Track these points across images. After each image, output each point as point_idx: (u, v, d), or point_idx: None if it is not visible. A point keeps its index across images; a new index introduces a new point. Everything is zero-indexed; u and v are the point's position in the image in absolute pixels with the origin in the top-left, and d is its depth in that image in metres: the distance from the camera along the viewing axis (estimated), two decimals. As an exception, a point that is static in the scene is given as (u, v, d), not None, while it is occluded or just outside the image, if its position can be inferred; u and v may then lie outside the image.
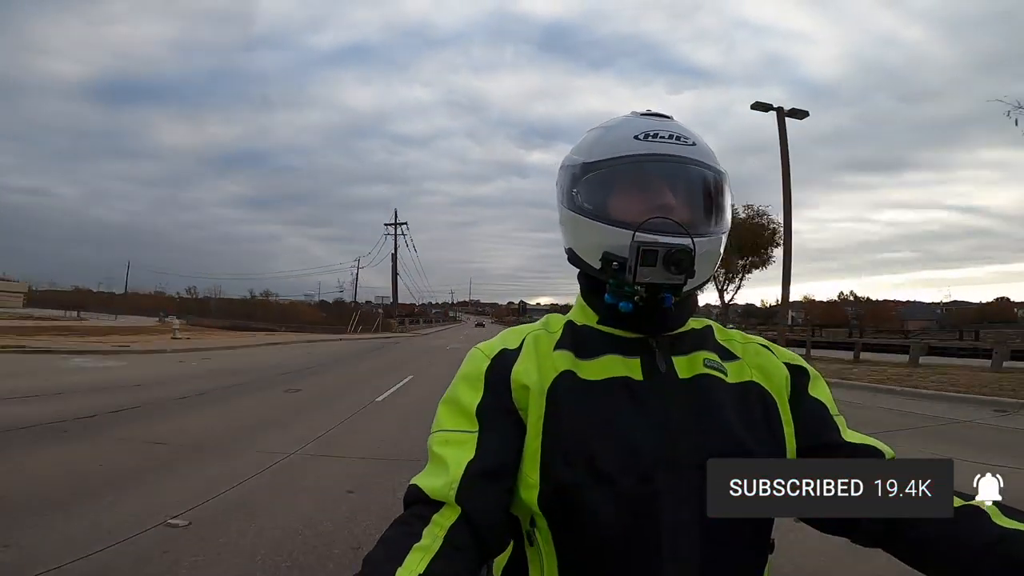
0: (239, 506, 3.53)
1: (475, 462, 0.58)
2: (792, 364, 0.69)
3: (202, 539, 2.99)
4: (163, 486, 3.86)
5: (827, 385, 0.70)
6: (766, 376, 0.67)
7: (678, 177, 0.64)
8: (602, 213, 0.65)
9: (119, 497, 3.54)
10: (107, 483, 3.81)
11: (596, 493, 0.57)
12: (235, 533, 3.08)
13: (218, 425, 6.08)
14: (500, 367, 0.65)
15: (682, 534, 0.57)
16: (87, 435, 5.24)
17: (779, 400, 0.65)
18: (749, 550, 0.61)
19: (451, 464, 0.58)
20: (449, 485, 0.56)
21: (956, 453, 2.97)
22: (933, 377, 10.56)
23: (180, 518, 3.24)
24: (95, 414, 6.18)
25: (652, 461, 0.58)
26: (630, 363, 0.64)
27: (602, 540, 0.57)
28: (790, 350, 0.74)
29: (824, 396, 0.68)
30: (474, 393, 0.64)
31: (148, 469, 4.23)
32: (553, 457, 0.59)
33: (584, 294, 0.72)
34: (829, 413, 0.67)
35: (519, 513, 0.62)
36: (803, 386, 0.68)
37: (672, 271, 0.58)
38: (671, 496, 0.57)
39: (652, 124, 0.66)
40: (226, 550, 2.88)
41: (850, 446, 0.64)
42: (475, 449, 0.59)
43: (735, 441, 0.60)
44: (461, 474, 0.57)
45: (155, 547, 2.86)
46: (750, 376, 0.66)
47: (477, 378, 0.65)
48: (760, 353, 0.70)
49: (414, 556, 0.50)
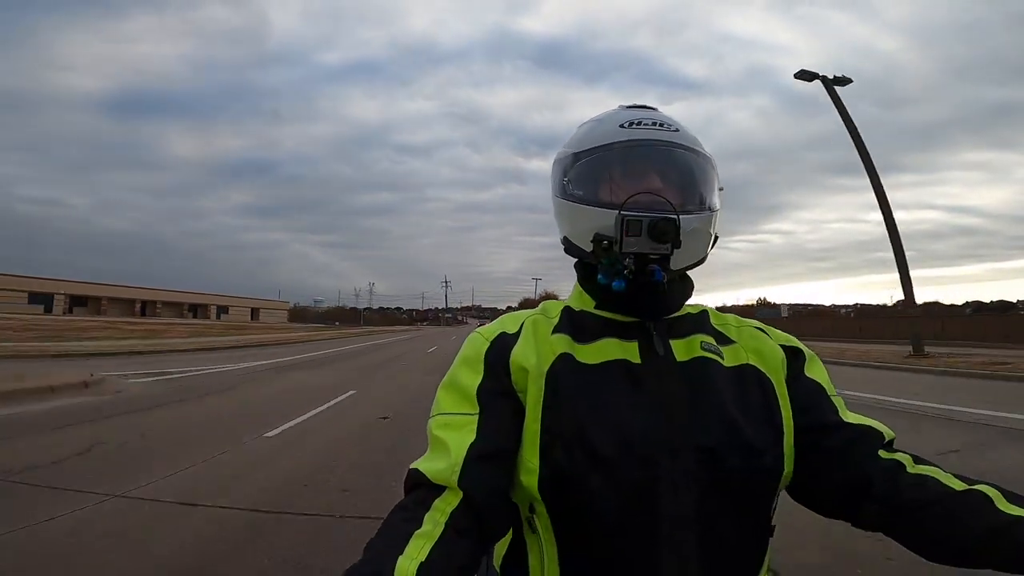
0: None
1: (477, 444, 0.58)
2: (788, 346, 0.70)
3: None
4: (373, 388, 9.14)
5: (824, 366, 0.70)
6: (762, 358, 0.67)
7: (662, 160, 0.66)
8: (592, 198, 0.67)
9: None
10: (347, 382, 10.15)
11: (595, 476, 0.57)
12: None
13: (402, 348, 18.76)
14: (499, 349, 0.65)
15: (680, 518, 0.56)
16: (328, 365, 13.08)
17: (776, 382, 0.65)
18: (749, 535, 0.60)
19: (453, 447, 0.58)
20: (452, 468, 0.56)
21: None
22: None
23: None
24: (334, 359, 14.86)
25: (651, 444, 0.58)
26: (627, 346, 0.64)
27: (601, 525, 0.57)
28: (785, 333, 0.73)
29: (821, 377, 0.68)
30: (474, 375, 0.64)
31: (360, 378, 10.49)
32: (552, 440, 0.59)
33: (581, 281, 0.73)
34: (826, 393, 0.67)
35: (518, 500, 0.62)
36: (799, 367, 0.68)
37: (658, 240, 0.60)
38: (669, 480, 0.57)
39: (636, 114, 0.69)
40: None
41: (849, 427, 0.63)
42: (476, 431, 0.59)
43: (733, 424, 0.59)
44: (464, 457, 0.57)
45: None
46: (746, 359, 0.67)
47: (477, 360, 0.65)
48: (756, 336, 0.70)
49: (415, 543, 0.50)
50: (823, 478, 0.61)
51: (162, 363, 12.22)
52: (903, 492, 0.56)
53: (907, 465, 0.59)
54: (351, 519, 2.96)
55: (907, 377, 11.13)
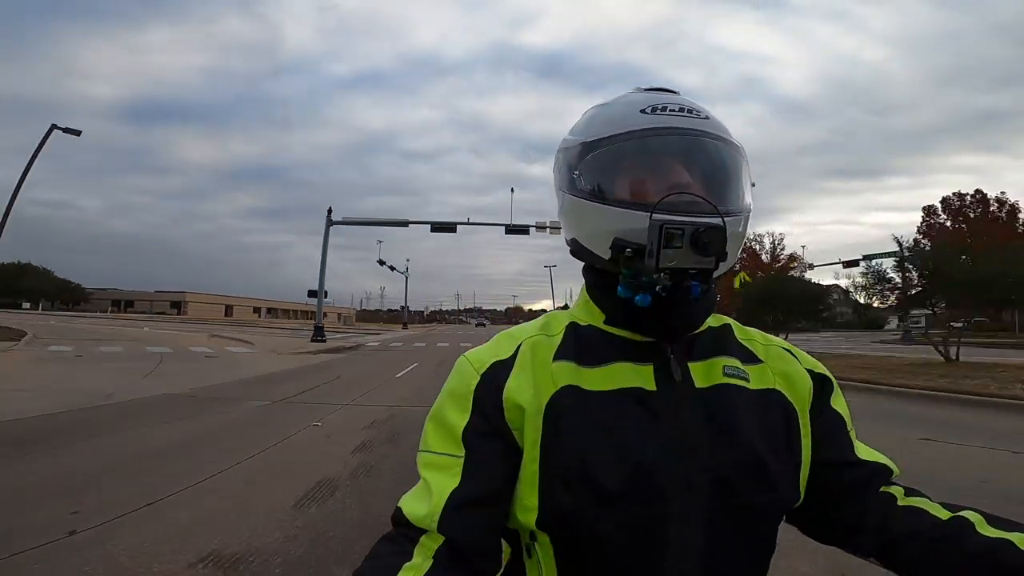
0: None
1: (459, 491, 0.54)
2: (816, 372, 0.65)
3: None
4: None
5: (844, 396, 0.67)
6: (790, 385, 0.62)
7: (694, 152, 0.58)
8: (610, 195, 0.58)
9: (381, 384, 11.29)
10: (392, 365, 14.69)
11: (600, 514, 0.53)
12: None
13: (446, 337, 31.01)
14: (490, 384, 0.59)
15: (688, 548, 0.54)
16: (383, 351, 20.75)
17: (800, 412, 0.61)
18: (754, 560, 0.59)
19: (434, 491, 0.55)
20: (431, 516, 0.53)
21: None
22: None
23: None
24: (388, 342, 23.92)
25: (664, 482, 0.53)
26: (641, 370, 0.58)
27: (604, 556, 0.54)
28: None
29: (843, 409, 0.65)
30: (461, 414, 0.58)
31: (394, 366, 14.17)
32: (552, 481, 0.54)
33: (589, 289, 0.65)
34: (847, 428, 0.64)
35: (517, 527, 0.58)
36: (826, 397, 0.64)
37: (702, 253, 0.52)
38: (680, 512, 0.53)
39: (659, 97, 0.60)
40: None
41: (864, 464, 0.61)
42: (460, 476, 0.55)
43: (754, 456, 0.56)
44: (443, 504, 0.53)
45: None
46: (773, 383, 0.62)
47: (464, 397, 0.59)
48: (784, 358, 0.65)
49: (406, 575, 0.49)
50: (826, 510, 0.61)
51: (376, 337, 29.09)
52: (894, 524, 0.57)
53: (898, 497, 0.59)
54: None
55: (977, 420, 6.79)
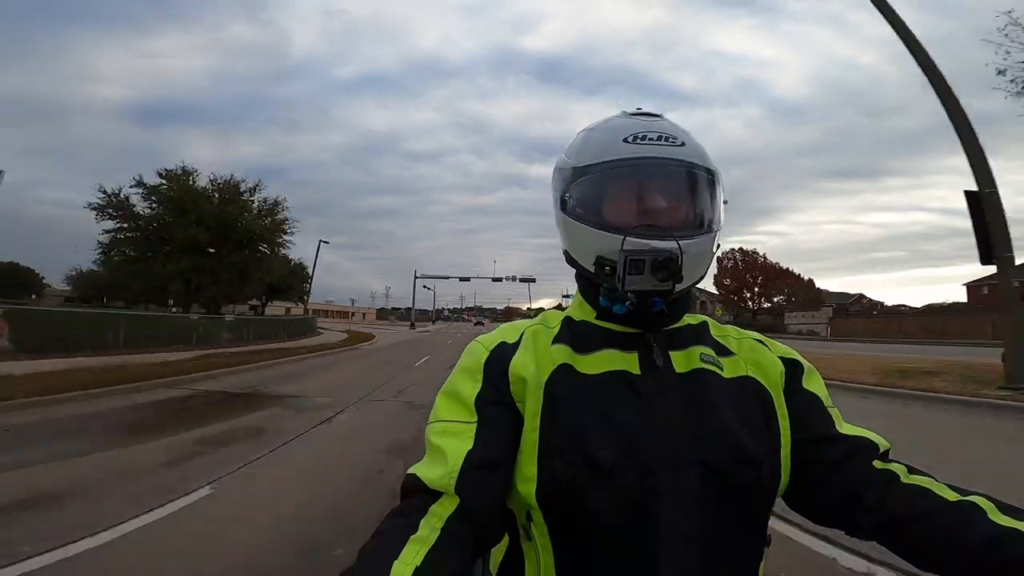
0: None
1: (474, 452, 0.58)
2: (786, 358, 0.70)
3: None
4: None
5: (821, 378, 0.71)
6: (762, 371, 0.67)
7: (666, 179, 0.64)
8: (593, 217, 0.65)
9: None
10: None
11: (594, 488, 0.57)
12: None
13: (466, 329, 42.58)
14: (499, 359, 0.66)
15: (681, 532, 0.56)
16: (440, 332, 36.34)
17: (775, 394, 0.66)
18: (747, 547, 0.61)
19: (450, 454, 0.58)
20: (448, 475, 0.56)
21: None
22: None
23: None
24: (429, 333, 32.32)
25: (651, 457, 0.58)
26: (628, 357, 0.64)
27: (599, 535, 0.57)
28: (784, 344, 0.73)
29: (819, 389, 0.69)
30: (473, 384, 0.64)
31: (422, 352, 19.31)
32: (550, 451, 0.59)
33: (582, 292, 0.73)
34: (824, 406, 0.67)
35: (515, 508, 0.63)
36: (798, 379, 0.69)
37: (660, 278, 0.59)
38: (670, 494, 0.57)
39: (641, 125, 0.66)
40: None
41: (845, 439, 0.64)
42: (474, 440, 0.59)
43: (732, 437, 0.60)
44: (460, 464, 0.57)
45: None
46: (745, 371, 0.67)
47: (476, 370, 0.65)
48: (755, 348, 0.71)
49: (411, 548, 0.51)
50: (819, 489, 0.62)
51: (402, 336, 33.86)
52: (897, 503, 0.57)
53: (901, 476, 0.60)
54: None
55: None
